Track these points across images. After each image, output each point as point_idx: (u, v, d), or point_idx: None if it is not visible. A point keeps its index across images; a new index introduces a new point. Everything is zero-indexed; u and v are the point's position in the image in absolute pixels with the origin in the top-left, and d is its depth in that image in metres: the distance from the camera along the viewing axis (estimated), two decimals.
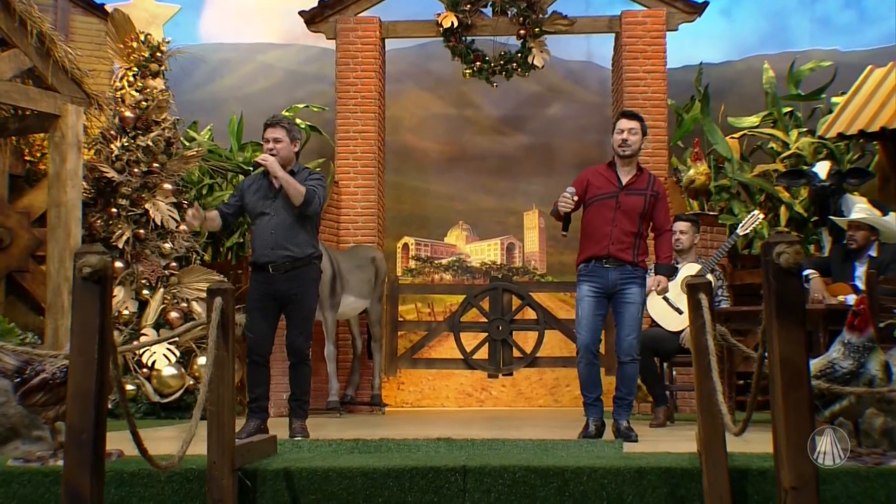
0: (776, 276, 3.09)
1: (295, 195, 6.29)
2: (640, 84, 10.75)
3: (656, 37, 10.80)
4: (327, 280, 9.36)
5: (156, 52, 9.41)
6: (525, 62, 10.89)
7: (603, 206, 6.48)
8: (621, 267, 6.46)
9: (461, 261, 12.60)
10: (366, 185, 10.80)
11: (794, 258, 2.92)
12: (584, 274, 6.52)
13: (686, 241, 8.05)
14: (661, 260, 6.70)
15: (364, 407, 10.33)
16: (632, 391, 6.53)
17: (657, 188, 6.59)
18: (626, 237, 6.46)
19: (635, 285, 6.49)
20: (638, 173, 6.59)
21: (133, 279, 8.95)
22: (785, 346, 2.99)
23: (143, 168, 9.19)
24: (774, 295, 3.13)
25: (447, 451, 5.34)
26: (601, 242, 6.45)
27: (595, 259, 6.48)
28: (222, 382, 3.36)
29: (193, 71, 12.91)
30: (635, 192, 6.51)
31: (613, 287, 6.46)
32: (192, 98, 12.61)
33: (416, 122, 12.77)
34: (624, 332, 6.47)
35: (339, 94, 10.91)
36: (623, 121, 6.59)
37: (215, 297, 3.33)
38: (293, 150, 6.51)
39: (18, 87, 8.25)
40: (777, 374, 3.01)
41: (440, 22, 10.80)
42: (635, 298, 6.48)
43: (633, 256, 6.50)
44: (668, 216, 6.73)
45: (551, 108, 12.76)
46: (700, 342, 3.09)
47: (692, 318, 3.19)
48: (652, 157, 10.60)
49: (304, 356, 6.45)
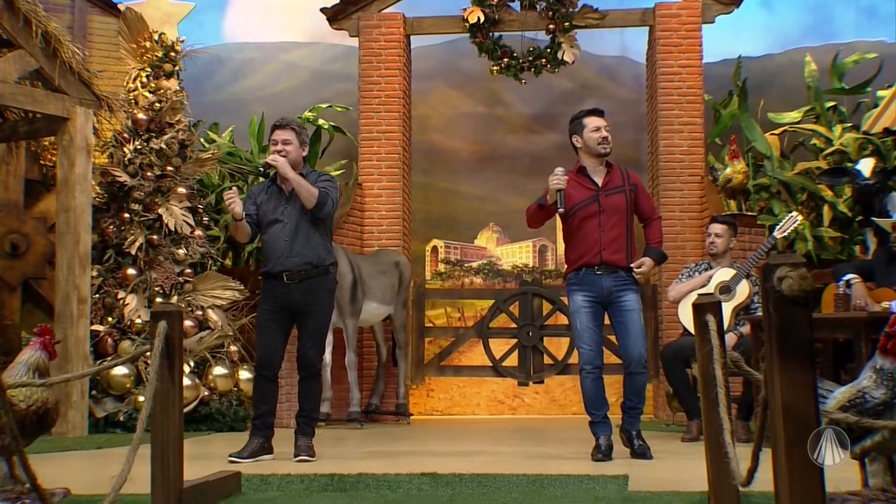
0: (778, 307, 2.57)
1: (308, 197, 5.98)
2: (674, 79, 10.33)
3: (692, 30, 10.38)
4: (348, 286, 9.04)
5: (170, 51, 9.11)
6: (554, 58, 10.51)
7: (585, 213, 6.17)
8: (614, 273, 6.16)
9: (492, 264, 12.22)
10: (390, 186, 10.47)
11: (800, 284, 2.45)
12: (576, 283, 6.21)
13: (721, 244, 7.63)
14: (652, 244, 6.38)
15: (389, 416, 10.00)
16: (642, 400, 6.21)
17: (633, 181, 6.34)
18: (617, 240, 6.18)
19: (631, 291, 6.19)
20: (609, 171, 6.27)
21: (146, 286, 8.66)
22: (789, 392, 2.48)
23: (157, 172, 8.89)
24: (776, 330, 2.60)
25: (431, 488, 4.85)
26: (592, 250, 6.15)
27: (586, 267, 6.16)
28: (168, 418, 2.98)
29: (216, 71, 12.64)
30: (614, 191, 6.22)
31: (608, 295, 6.15)
32: (214, 99, 12.35)
33: (445, 122, 12.41)
34: (631, 341, 6.13)
35: (362, 93, 10.58)
36: (594, 118, 6.29)
37: (159, 320, 2.96)
38: (302, 153, 6.20)
39: (24, 89, 7.98)
40: (779, 426, 2.53)
41: (466, 17, 10.44)
42: (634, 305, 6.17)
43: (627, 260, 6.20)
44: (652, 204, 6.51)
45: (585, 105, 12.17)
46: (707, 371, 2.65)
47: (698, 343, 2.77)
48: (688, 155, 10.22)
49: (316, 370, 6.11)
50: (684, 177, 10.21)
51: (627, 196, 6.23)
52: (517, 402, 11.75)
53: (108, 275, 8.73)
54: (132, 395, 8.37)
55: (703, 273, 7.65)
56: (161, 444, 3.03)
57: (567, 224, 6.28)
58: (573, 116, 6.45)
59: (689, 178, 10.19)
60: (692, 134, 10.26)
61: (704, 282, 7.51)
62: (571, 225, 6.24)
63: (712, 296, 2.98)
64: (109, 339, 8.50)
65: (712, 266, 7.64)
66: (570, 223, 6.25)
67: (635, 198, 6.28)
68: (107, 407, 8.37)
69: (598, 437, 6.11)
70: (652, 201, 6.51)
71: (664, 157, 10.27)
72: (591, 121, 6.26)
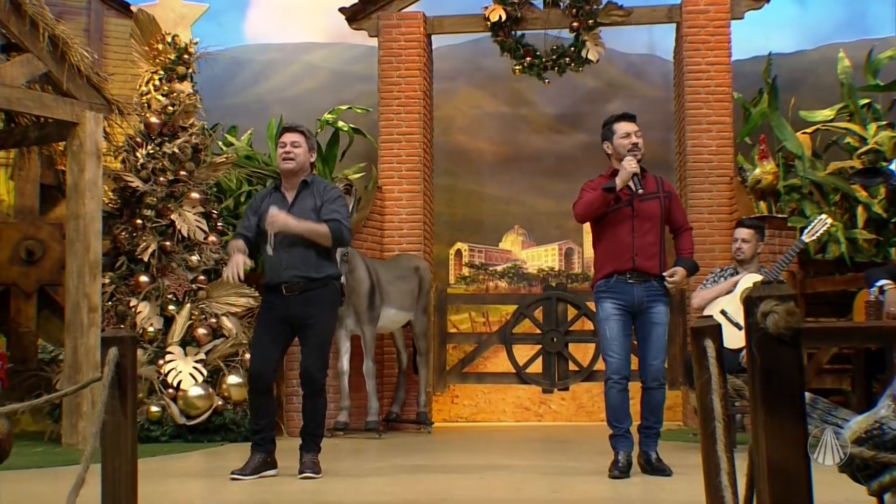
0: (762, 347, 2.21)
1: (321, 240, 5.73)
2: (702, 77, 10.05)
3: (720, 26, 10.09)
4: (365, 292, 8.84)
5: (183, 54, 8.92)
6: (578, 56, 10.26)
7: (618, 217, 5.89)
8: (646, 283, 5.88)
9: (517, 267, 11.97)
10: (411, 189, 10.25)
11: (786, 321, 2.14)
12: (605, 290, 5.93)
13: (748, 249, 7.33)
14: (684, 254, 6.09)
15: (410, 425, 9.79)
16: (660, 419, 5.92)
17: (668, 189, 6.08)
18: (651, 247, 5.91)
19: (662, 303, 5.92)
20: (643, 177, 5.96)
21: (159, 294, 8.48)
22: (775, 448, 2.14)
23: (170, 176, 8.71)
24: (760, 374, 2.24)
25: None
26: (623, 256, 5.88)
27: (618, 274, 5.89)
28: (119, 454, 2.74)
29: (237, 73, 12.47)
30: (649, 196, 5.94)
31: (639, 305, 5.88)
32: (235, 101, 12.17)
33: (469, 122, 12.17)
34: (651, 355, 5.87)
35: (381, 94, 10.37)
36: (624, 124, 5.97)
37: (109, 346, 2.72)
38: (310, 159, 5.96)
39: (32, 93, 7.82)
40: (765, 488, 2.18)
41: (487, 16, 10.20)
42: (662, 318, 5.91)
43: (661, 268, 5.92)
44: (685, 215, 6.27)
45: (611, 105, 12.01)
46: (704, 403, 2.38)
47: (697, 371, 2.50)
48: (717, 155, 9.94)
49: (320, 386, 5.86)
50: (713, 177, 9.93)
51: (662, 203, 5.98)
52: (543, 408, 11.50)
53: (120, 282, 8.57)
54: (144, 405, 8.20)
55: (728, 279, 7.36)
56: (112, 483, 2.78)
57: (597, 229, 6.04)
58: (604, 122, 6.15)
59: (718, 179, 9.91)
60: (721, 133, 9.98)
61: (730, 288, 7.23)
62: (603, 229, 6.00)
63: (710, 318, 2.70)
64: None
65: (738, 271, 7.35)
66: (600, 228, 6.00)
67: (669, 206, 6.03)
68: None
69: (618, 453, 5.86)
70: (685, 213, 6.26)
71: (692, 157, 9.99)
72: (620, 126, 5.97)
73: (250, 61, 12.64)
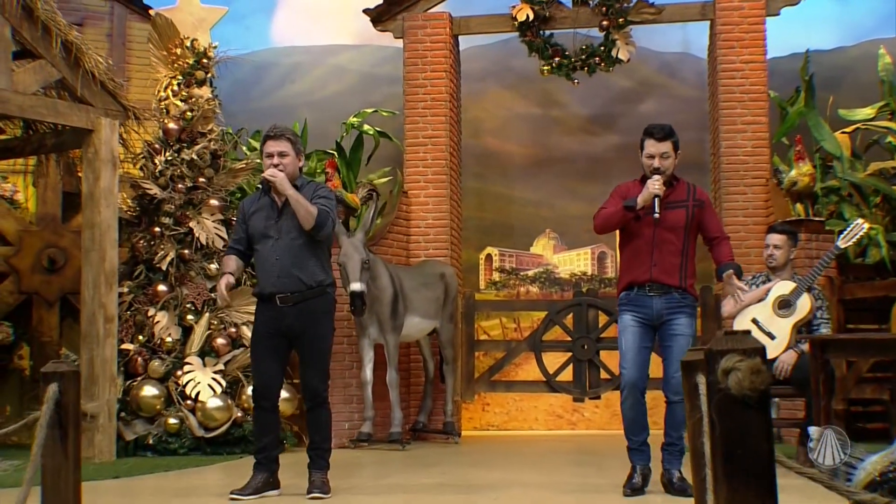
0: (723, 411, 1.89)
1: (305, 217, 5.52)
2: (736, 76, 9.75)
3: (755, 23, 9.78)
4: (388, 300, 8.63)
5: (202, 58, 8.74)
6: (609, 56, 9.99)
7: (641, 224, 5.64)
8: (667, 294, 5.65)
9: (548, 272, 11.69)
10: (437, 194, 10.03)
11: (751, 381, 1.77)
12: (626, 303, 5.74)
13: (781, 256, 7.04)
14: (725, 259, 5.78)
15: (437, 435, 9.57)
16: (682, 435, 5.64)
17: (699, 196, 5.79)
18: (671, 258, 5.66)
19: (684, 315, 5.65)
20: (673, 185, 5.72)
21: (177, 303, 8.32)
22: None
23: (188, 183, 8.55)
24: (721, 442, 1.92)
25: None
26: (642, 266, 5.66)
27: (637, 286, 5.67)
28: (59, 499, 2.53)
29: (263, 76, 12.31)
30: (675, 204, 5.69)
31: (659, 317, 5.64)
32: (261, 105, 12.00)
33: (499, 124, 11.89)
34: (673, 367, 5.61)
35: (407, 96, 10.16)
36: (651, 143, 5.69)
37: (49, 382, 2.49)
38: (298, 164, 5.74)
39: (46, 100, 7.68)
40: None
41: (515, 15, 9.96)
42: (684, 330, 5.65)
43: (681, 280, 5.66)
44: (720, 224, 5.96)
45: (645, 105, 11.73)
46: (695, 446, 2.10)
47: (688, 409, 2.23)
48: (752, 156, 9.65)
49: (322, 399, 5.66)
50: (748, 179, 9.63)
51: (689, 212, 5.70)
52: (576, 416, 11.24)
53: (138, 291, 8.42)
54: (162, 417, 8.04)
55: (760, 286, 7.07)
56: None
57: (622, 235, 5.81)
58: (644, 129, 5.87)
59: (753, 181, 9.61)
60: (756, 133, 9.67)
61: (762, 296, 6.95)
62: (625, 237, 5.78)
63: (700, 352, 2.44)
64: (140, 358, 8.18)
65: (771, 279, 7.06)
66: (624, 236, 5.79)
67: (700, 215, 5.75)
68: (136, 429, 8.06)
69: (635, 466, 5.71)
70: (720, 221, 5.96)
71: (726, 158, 9.69)
72: (648, 145, 5.70)
73: (276, 64, 12.45)
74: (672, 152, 5.67)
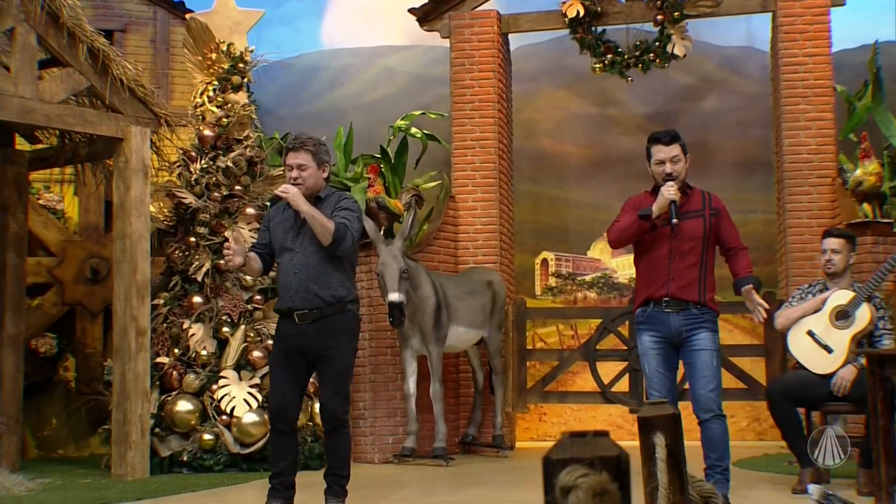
0: None
1: (322, 233, 5.21)
2: (799, 70, 9.29)
3: (818, 14, 9.31)
4: (431, 310, 8.32)
5: (238, 62, 8.51)
6: (664, 52, 9.59)
7: (657, 237, 5.25)
8: (685, 311, 5.25)
9: (607, 277, 11.28)
10: (486, 198, 9.70)
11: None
12: (643, 321, 5.36)
13: (839, 261, 6.56)
14: (743, 273, 5.40)
15: (487, 448, 9.23)
16: (723, 456, 5.22)
17: (715, 205, 5.39)
18: (688, 271, 5.26)
19: (704, 330, 5.25)
20: (687, 194, 5.34)
21: (213, 315, 8.09)
22: None
23: (224, 191, 8.31)
24: None
25: None
26: (658, 281, 5.28)
27: (654, 302, 5.29)
28: None
29: (312, 80, 12.07)
30: (691, 214, 5.30)
31: (678, 335, 5.25)
32: (310, 109, 11.76)
33: (554, 125, 11.50)
34: (699, 384, 5.22)
35: (454, 98, 9.86)
36: (660, 148, 5.31)
37: None
38: (322, 175, 5.40)
39: (73, 109, 7.50)
40: None
41: (565, 11, 9.59)
42: (706, 344, 5.24)
43: (700, 294, 5.26)
44: (737, 232, 5.51)
45: (706, 102, 11.25)
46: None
47: (645, 476, 1.88)
48: (816, 154, 9.18)
49: (341, 422, 5.35)
50: (812, 179, 9.16)
51: (706, 221, 5.31)
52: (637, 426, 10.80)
53: (174, 303, 8.21)
54: (197, 433, 7.82)
55: (817, 295, 6.60)
56: None
57: (637, 248, 5.43)
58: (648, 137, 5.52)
59: (818, 181, 9.13)
60: (821, 130, 9.20)
61: (818, 305, 6.48)
62: (640, 249, 5.40)
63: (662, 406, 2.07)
64: (175, 372, 7.96)
65: (828, 287, 6.59)
66: (638, 250, 5.42)
67: (717, 225, 5.36)
68: (171, 445, 7.84)
69: None
70: (737, 230, 5.51)
71: (789, 156, 9.23)
72: (656, 150, 5.33)
73: (325, 67, 12.20)
74: (682, 155, 5.30)
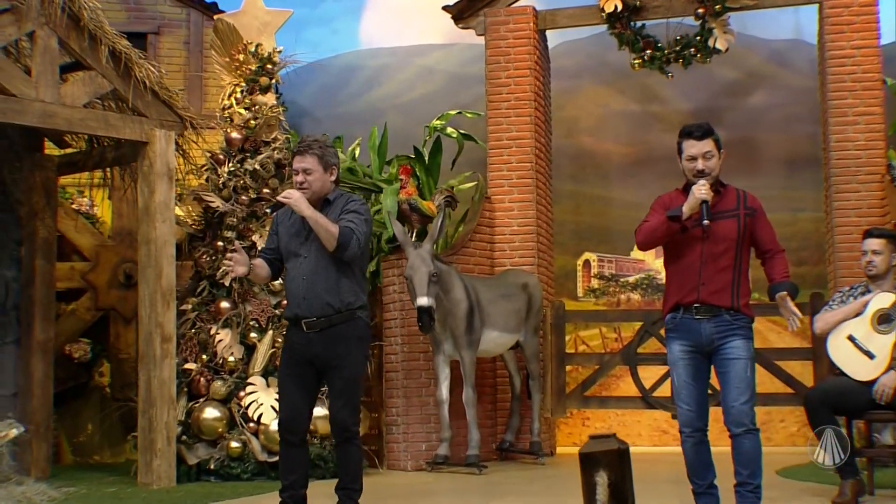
0: None
1: (326, 238, 5.03)
2: (847, 63, 8.99)
3: (866, 5, 9.00)
4: (463, 314, 8.13)
5: (266, 63, 8.38)
6: (705, 46, 9.32)
7: (687, 238, 4.96)
8: (717, 317, 4.93)
9: (651, 278, 11.00)
10: (522, 198, 9.48)
11: None
12: (672, 328, 5.05)
13: (880, 263, 6.25)
14: (778, 278, 5.07)
15: (524, 455, 9.02)
16: (755, 472, 4.90)
17: (750, 204, 5.05)
18: (721, 275, 4.94)
19: (738, 337, 4.92)
20: (720, 193, 5.03)
21: (241, 321, 7.97)
22: None
23: (252, 195, 8.18)
24: None
25: None
26: (688, 285, 4.97)
27: (683, 308, 4.99)
28: None
29: (350, 80, 11.93)
30: (725, 214, 4.97)
31: (710, 343, 4.94)
32: (348, 110, 11.63)
33: (595, 122, 11.26)
34: (730, 396, 4.93)
35: (489, 96, 9.66)
36: (691, 143, 5.03)
37: None
38: (329, 179, 5.22)
39: (96, 113, 7.41)
40: None
41: (602, 7, 9.34)
42: (740, 353, 4.91)
43: (733, 300, 4.93)
44: (773, 234, 5.16)
45: (753, 97, 10.95)
46: None
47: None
48: (865, 150, 8.86)
49: (352, 434, 5.16)
50: (861, 176, 8.83)
51: (741, 222, 4.99)
52: None
53: (202, 308, 8.09)
54: (224, 441, 7.70)
55: (858, 299, 6.30)
56: None
57: (667, 249, 5.16)
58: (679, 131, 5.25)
59: (867, 178, 8.81)
60: (870, 126, 8.88)
61: (859, 309, 6.18)
62: (671, 251, 5.12)
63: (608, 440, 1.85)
64: (202, 378, 7.85)
65: (870, 290, 6.29)
66: (668, 252, 5.14)
67: (752, 225, 5.05)
68: (199, 453, 7.73)
69: None
70: (773, 231, 5.18)
71: (836, 152, 8.92)
72: (687, 146, 5.05)
73: (362, 67, 12.07)
74: (715, 151, 5.01)
